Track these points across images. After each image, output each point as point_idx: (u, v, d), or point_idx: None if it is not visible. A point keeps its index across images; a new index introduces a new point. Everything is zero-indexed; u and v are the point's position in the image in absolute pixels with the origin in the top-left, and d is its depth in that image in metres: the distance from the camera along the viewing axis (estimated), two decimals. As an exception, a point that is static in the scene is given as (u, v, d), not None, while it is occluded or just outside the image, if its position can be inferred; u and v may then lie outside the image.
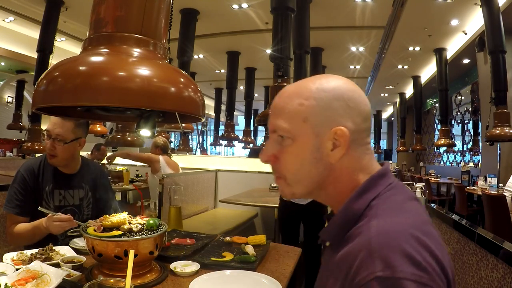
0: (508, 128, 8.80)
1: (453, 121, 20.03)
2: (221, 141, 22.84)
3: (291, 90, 1.47)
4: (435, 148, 18.77)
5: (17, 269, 2.36)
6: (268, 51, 11.85)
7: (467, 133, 19.25)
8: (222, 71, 19.03)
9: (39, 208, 3.09)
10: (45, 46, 10.62)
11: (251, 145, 19.72)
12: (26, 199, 3.32)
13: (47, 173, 3.44)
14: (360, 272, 1.15)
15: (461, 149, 19.70)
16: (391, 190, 1.39)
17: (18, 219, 3.29)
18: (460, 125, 19.95)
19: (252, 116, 20.88)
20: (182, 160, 10.43)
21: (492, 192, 9.31)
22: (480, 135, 15.53)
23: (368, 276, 1.12)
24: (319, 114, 1.40)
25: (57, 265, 2.58)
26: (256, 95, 20.81)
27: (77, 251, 2.97)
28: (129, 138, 8.96)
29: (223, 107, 22.57)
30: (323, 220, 1.61)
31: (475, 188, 11.64)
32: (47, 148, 3.36)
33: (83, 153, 4.86)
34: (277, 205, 6.18)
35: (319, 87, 1.42)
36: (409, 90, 22.18)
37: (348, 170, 1.44)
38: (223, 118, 22.61)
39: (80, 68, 1.99)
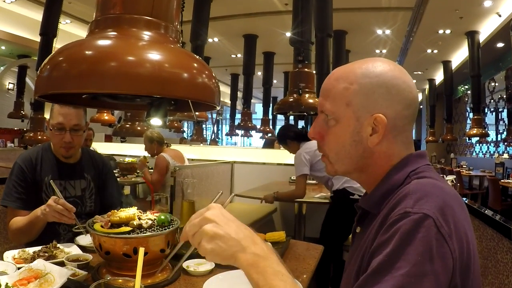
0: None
1: (486, 109, 19.88)
2: (237, 131, 22.86)
3: (339, 73, 1.61)
4: (467, 138, 18.69)
5: (19, 268, 2.36)
6: (288, 34, 11.77)
7: (501, 122, 19.06)
8: (239, 55, 19.06)
9: (51, 181, 3.12)
10: (48, 29, 10.64)
11: (269, 135, 19.65)
12: (27, 191, 3.31)
13: (46, 164, 3.43)
14: (395, 211, 1.33)
15: (494, 139, 19.55)
16: (428, 170, 1.53)
17: (19, 213, 3.26)
18: (494, 113, 19.76)
19: (271, 104, 20.85)
20: (196, 151, 10.43)
21: (528, 185, 9.24)
22: (515, 124, 15.44)
23: (400, 211, 1.31)
24: (361, 99, 1.53)
25: (61, 264, 2.55)
26: (275, 81, 20.77)
27: (83, 248, 2.96)
28: (138, 128, 8.96)
29: (239, 94, 22.59)
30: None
31: (509, 181, 11.59)
32: (66, 142, 3.32)
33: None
34: (298, 200, 6.16)
35: (364, 72, 1.55)
36: (439, 76, 22.08)
37: (385, 155, 1.57)
38: (239, 106, 22.72)
39: (86, 52, 1.98)
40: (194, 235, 1.42)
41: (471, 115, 16.80)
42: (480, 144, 20.96)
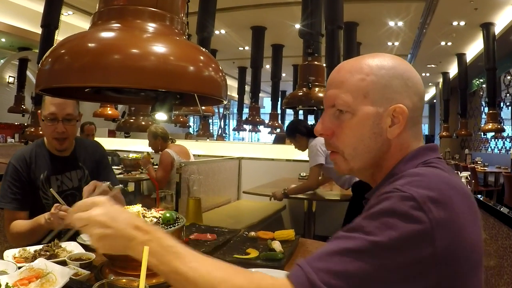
0: None
1: (502, 104, 19.83)
2: (245, 126, 22.89)
3: (351, 65, 1.61)
4: (482, 133, 18.62)
5: (19, 268, 2.35)
6: (297, 26, 11.75)
7: (517, 116, 19.06)
8: (246, 48, 19.05)
9: (50, 190, 3.11)
10: (50, 21, 10.59)
11: (278, 130, 19.63)
12: (22, 192, 3.30)
13: (40, 160, 3.42)
14: (387, 188, 1.38)
15: (510, 134, 19.51)
16: (438, 162, 1.52)
17: (16, 214, 3.26)
18: (510, 108, 19.73)
19: (280, 98, 20.80)
20: (202, 147, 10.43)
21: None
22: (533, 119, 15.39)
23: (390, 187, 1.36)
24: (379, 90, 1.54)
25: (63, 263, 2.55)
26: (283, 74, 20.75)
27: (85, 247, 2.91)
28: (143, 123, 8.95)
29: (247, 88, 22.62)
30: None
31: (526, 178, 11.54)
32: (59, 132, 3.30)
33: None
34: (307, 197, 6.16)
35: (379, 64, 1.57)
36: (453, 70, 22.00)
37: (401, 147, 1.59)
38: (247, 100, 22.75)
39: (89, 45, 1.99)
40: (83, 228, 1.51)
41: (486, 109, 16.75)
42: (496, 140, 20.91)
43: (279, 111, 21.18)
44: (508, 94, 19.77)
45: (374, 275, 1.24)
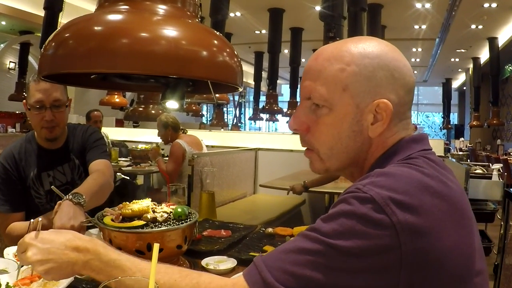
0: None
1: (537, 91, 19.76)
2: (261, 115, 22.86)
3: (330, 52, 1.52)
4: (515, 122, 18.57)
5: (21, 266, 2.36)
6: (318, 8, 11.72)
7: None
8: (263, 31, 18.99)
9: (52, 187, 3.01)
10: (53, 2, 10.64)
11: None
12: (14, 192, 3.25)
13: (30, 157, 3.36)
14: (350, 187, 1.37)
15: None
16: (420, 158, 1.44)
17: (11, 217, 3.22)
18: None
19: (299, 85, 20.72)
20: (216, 137, 10.41)
21: None
22: None
23: (351, 187, 1.35)
24: (361, 83, 1.46)
25: (68, 261, 2.55)
26: (303, 60, 20.60)
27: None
28: (152, 111, 8.95)
29: (264, 74, 22.57)
30: None
31: None
32: (47, 120, 3.18)
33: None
34: (328, 191, 6.14)
35: (362, 52, 1.47)
36: (484, 55, 21.87)
37: (384, 145, 1.52)
38: (264, 87, 22.66)
39: (95, 28, 1.99)
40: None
41: (519, 97, 16.70)
42: (530, 130, 20.84)
43: (298, 99, 21.15)
44: (543, 81, 19.69)
45: (327, 279, 1.25)
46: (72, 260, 1.50)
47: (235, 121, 29.37)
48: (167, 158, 7.56)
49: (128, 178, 8.83)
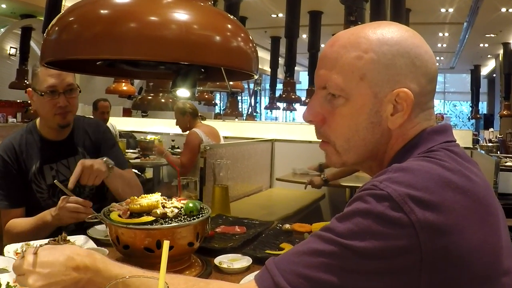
0: None
1: None
2: (278, 104, 22.83)
3: (346, 38, 1.50)
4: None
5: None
6: (338, -10, 11.73)
7: None
8: (280, 15, 18.97)
9: (55, 181, 3.02)
10: (57, -16, 10.63)
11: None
12: (14, 186, 3.25)
13: (31, 149, 3.34)
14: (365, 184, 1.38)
15: None
16: (442, 151, 1.42)
17: (10, 213, 3.22)
18: None
19: (317, 72, 20.74)
20: (230, 128, 10.40)
21: None
22: None
23: (368, 183, 1.35)
24: (380, 71, 1.45)
25: (73, 259, 2.55)
26: (322, 45, 20.52)
27: (97, 241, 2.93)
28: (162, 100, 8.93)
29: (281, 60, 22.52)
30: None
31: None
32: (61, 106, 3.18)
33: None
34: (349, 185, 6.13)
35: (381, 38, 1.46)
36: (516, 40, 21.79)
37: (405, 137, 1.51)
38: (281, 74, 22.63)
39: (102, 12, 1.97)
40: None
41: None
42: None
43: (316, 87, 21.13)
44: None
45: (342, 282, 1.24)
46: (75, 279, 1.52)
47: (250, 110, 29.39)
48: (178, 150, 7.55)
49: (136, 171, 8.85)
